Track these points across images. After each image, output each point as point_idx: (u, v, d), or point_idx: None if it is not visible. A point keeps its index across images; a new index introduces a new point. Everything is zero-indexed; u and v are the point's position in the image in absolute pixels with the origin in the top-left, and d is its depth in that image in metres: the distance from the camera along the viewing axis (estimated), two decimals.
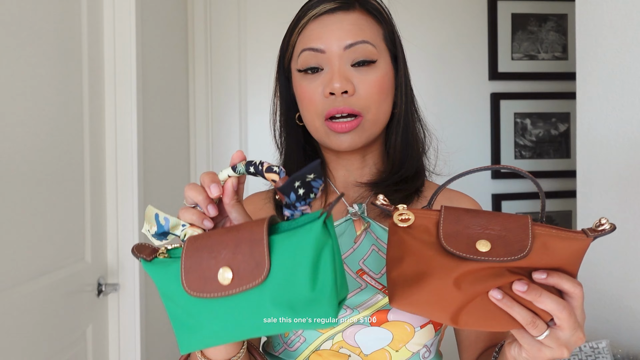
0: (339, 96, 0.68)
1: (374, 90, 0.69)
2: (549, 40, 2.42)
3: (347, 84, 0.67)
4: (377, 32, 0.71)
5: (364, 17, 0.71)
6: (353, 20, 0.69)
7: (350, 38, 0.68)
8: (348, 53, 0.68)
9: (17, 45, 0.96)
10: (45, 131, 1.06)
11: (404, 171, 0.74)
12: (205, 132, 2.25)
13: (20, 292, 0.96)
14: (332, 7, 0.69)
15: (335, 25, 0.68)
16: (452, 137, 2.37)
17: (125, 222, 1.40)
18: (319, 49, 0.68)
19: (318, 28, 0.69)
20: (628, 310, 1.31)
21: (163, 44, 1.80)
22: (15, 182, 0.95)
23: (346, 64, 0.68)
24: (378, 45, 0.70)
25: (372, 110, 0.70)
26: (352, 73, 0.69)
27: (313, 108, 0.70)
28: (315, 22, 0.70)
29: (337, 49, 0.68)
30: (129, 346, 1.41)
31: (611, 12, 1.36)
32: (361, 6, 0.71)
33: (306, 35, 0.70)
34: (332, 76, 0.68)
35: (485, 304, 0.52)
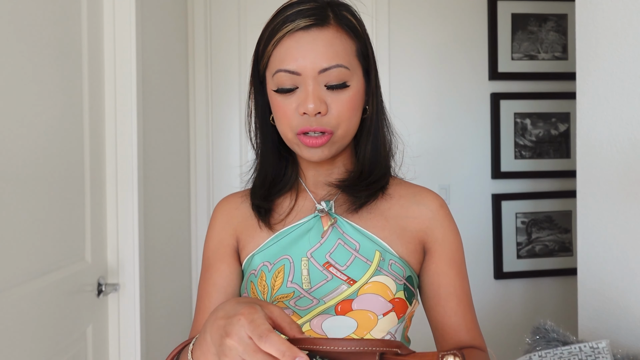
0: (312, 116, 0.71)
1: (346, 108, 0.72)
2: (549, 40, 2.42)
3: (321, 105, 0.70)
4: (350, 49, 0.73)
5: (338, 34, 0.72)
6: (327, 40, 0.70)
7: (324, 62, 0.70)
8: (322, 76, 0.70)
9: (17, 45, 0.96)
10: (45, 131, 1.06)
11: (373, 176, 0.78)
12: (205, 132, 2.25)
13: (20, 292, 0.96)
14: (307, 24, 0.70)
15: (309, 46, 0.70)
16: (452, 137, 2.37)
17: (125, 222, 1.40)
18: (295, 72, 0.70)
19: (294, 47, 0.70)
20: (628, 310, 1.31)
21: (163, 44, 1.80)
22: (15, 182, 0.95)
23: (320, 85, 0.71)
24: (351, 64, 0.72)
25: (342, 126, 0.73)
26: (325, 93, 0.71)
27: (287, 122, 0.73)
28: (290, 39, 0.71)
29: (311, 72, 0.70)
30: (129, 346, 1.41)
31: (611, 12, 1.36)
32: (336, 22, 0.72)
33: (282, 53, 0.71)
34: (307, 97, 0.70)
35: None
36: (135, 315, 1.41)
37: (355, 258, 0.74)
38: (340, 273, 0.73)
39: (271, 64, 0.73)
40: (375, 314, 0.71)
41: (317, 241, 0.76)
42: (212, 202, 2.26)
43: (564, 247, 2.44)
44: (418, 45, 2.35)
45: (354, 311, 0.72)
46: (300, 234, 0.77)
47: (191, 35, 2.22)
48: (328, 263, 0.75)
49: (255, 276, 0.77)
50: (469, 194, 2.39)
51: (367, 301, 0.72)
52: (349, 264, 0.74)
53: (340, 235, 0.76)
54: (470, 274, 2.40)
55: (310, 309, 0.72)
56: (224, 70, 2.27)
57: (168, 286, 1.85)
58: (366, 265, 0.73)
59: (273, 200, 0.81)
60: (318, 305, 0.72)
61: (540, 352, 1.20)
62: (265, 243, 0.79)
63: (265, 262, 0.77)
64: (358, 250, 0.75)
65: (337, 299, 0.72)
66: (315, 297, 0.73)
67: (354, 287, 0.72)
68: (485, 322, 2.41)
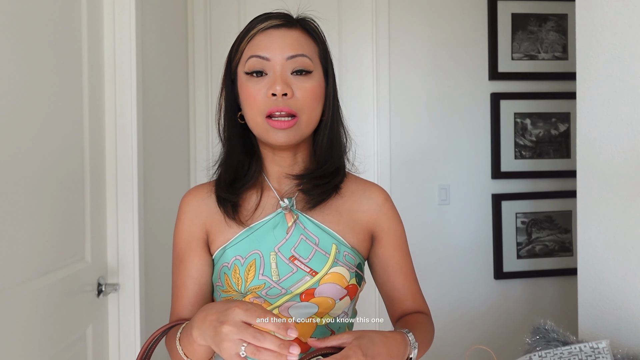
0: (280, 97, 0.80)
1: (309, 95, 0.82)
2: (549, 40, 2.42)
3: (287, 88, 0.80)
4: (313, 49, 0.85)
5: (303, 36, 0.84)
6: (295, 37, 0.83)
7: (292, 51, 0.81)
8: (289, 63, 0.81)
9: (17, 45, 0.96)
10: (45, 131, 1.06)
11: (326, 167, 0.88)
12: (205, 132, 2.25)
13: (20, 292, 0.96)
14: (278, 23, 0.82)
15: (280, 39, 0.82)
16: (452, 137, 2.37)
17: (125, 222, 1.40)
18: (265, 57, 0.81)
19: (265, 40, 0.82)
20: (628, 310, 1.31)
21: (163, 43, 1.80)
22: (15, 182, 0.95)
23: (287, 71, 0.81)
24: (314, 60, 0.84)
25: (306, 112, 0.82)
26: (291, 79, 0.81)
27: (256, 106, 0.81)
28: (262, 35, 0.82)
29: (280, 59, 0.81)
30: (129, 346, 1.41)
31: (611, 12, 1.36)
32: (301, 26, 0.85)
33: (254, 45, 0.82)
34: (275, 80, 0.80)
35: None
36: (135, 315, 1.41)
37: (315, 251, 0.85)
38: (304, 265, 0.84)
39: (244, 55, 0.83)
40: (333, 299, 0.85)
41: (282, 237, 0.86)
42: None
43: (564, 247, 2.44)
44: (418, 45, 2.35)
45: (316, 298, 0.84)
46: (267, 230, 0.86)
47: (191, 35, 2.22)
48: (293, 257, 0.85)
49: (228, 269, 0.85)
50: (469, 194, 2.39)
51: (326, 289, 0.84)
52: (310, 257, 0.85)
53: (302, 231, 0.86)
54: (471, 274, 2.41)
55: (279, 297, 0.84)
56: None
57: (168, 286, 1.85)
58: (325, 257, 0.85)
59: (239, 195, 0.88)
60: (286, 294, 0.84)
61: (540, 352, 1.20)
62: (235, 237, 0.87)
63: (237, 256, 0.85)
64: (318, 244, 0.86)
65: (302, 288, 0.84)
66: (283, 287, 0.84)
67: (315, 277, 0.84)
68: (485, 322, 2.42)
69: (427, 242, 2.31)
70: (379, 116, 2.29)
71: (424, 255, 2.29)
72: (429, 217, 2.35)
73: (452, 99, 2.37)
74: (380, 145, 2.30)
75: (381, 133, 2.29)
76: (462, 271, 2.39)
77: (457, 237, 2.39)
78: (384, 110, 2.30)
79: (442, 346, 2.37)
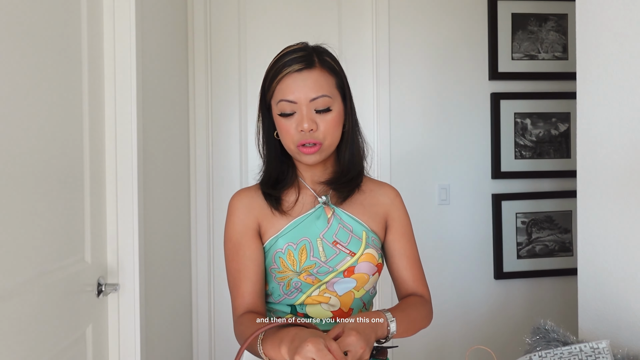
0: (307, 132, 1.00)
1: (330, 125, 1.01)
2: (549, 40, 2.42)
3: (312, 124, 0.99)
4: (331, 82, 1.02)
5: (322, 73, 1.01)
6: (315, 78, 1.00)
7: (314, 93, 0.99)
8: (312, 103, 0.99)
9: (16, 45, 0.96)
10: (44, 131, 1.06)
11: (350, 174, 1.09)
12: (205, 132, 2.25)
13: (20, 292, 0.96)
14: (300, 67, 0.99)
15: (302, 82, 0.99)
16: (452, 137, 2.37)
17: (125, 222, 1.40)
18: (293, 101, 0.99)
19: (291, 84, 0.99)
20: (628, 310, 1.31)
21: (163, 44, 1.80)
22: (14, 182, 0.95)
23: (311, 110, 1.00)
24: (332, 94, 1.01)
25: (328, 138, 1.02)
26: (315, 115, 1.00)
27: (289, 138, 1.02)
28: (288, 78, 1.00)
29: (304, 101, 0.99)
30: (129, 346, 1.41)
31: (611, 11, 1.36)
32: (319, 64, 1.01)
33: (282, 88, 1.00)
34: (302, 119, 0.99)
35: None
36: (135, 316, 1.41)
37: (352, 237, 1.07)
38: (345, 248, 1.06)
39: (275, 95, 1.02)
40: (368, 275, 1.07)
41: (324, 226, 1.07)
42: (212, 202, 2.26)
43: (564, 247, 2.44)
44: (418, 45, 2.35)
45: (355, 274, 1.06)
46: (311, 221, 1.07)
47: (191, 35, 2.22)
48: (335, 241, 1.06)
49: (282, 253, 1.04)
50: (469, 194, 2.39)
51: (363, 267, 1.06)
52: (348, 241, 1.06)
53: (339, 221, 1.08)
54: (471, 274, 2.41)
55: (327, 274, 1.05)
56: (224, 70, 2.27)
57: (168, 286, 1.85)
58: (359, 241, 1.07)
59: (281, 192, 1.08)
60: (332, 272, 1.05)
61: (540, 352, 1.20)
62: (285, 228, 1.06)
63: (289, 242, 1.05)
64: (352, 231, 1.08)
65: (344, 267, 1.05)
66: (330, 266, 1.05)
67: (354, 257, 1.06)
68: (485, 322, 2.42)
69: (427, 242, 2.31)
70: (379, 116, 2.29)
71: (424, 255, 2.27)
72: (429, 217, 2.35)
73: (452, 99, 2.37)
74: (380, 145, 2.30)
75: (381, 133, 2.29)
76: (462, 271, 2.39)
77: (457, 237, 2.39)
78: (384, 110, 2.30)
79: (442, 346, 2.37)
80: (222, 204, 2.26)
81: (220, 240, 2.26)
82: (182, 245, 2.10)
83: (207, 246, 2.25)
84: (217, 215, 2.26)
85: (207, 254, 2.25)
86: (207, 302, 2.26)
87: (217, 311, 2.28)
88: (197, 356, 2.25)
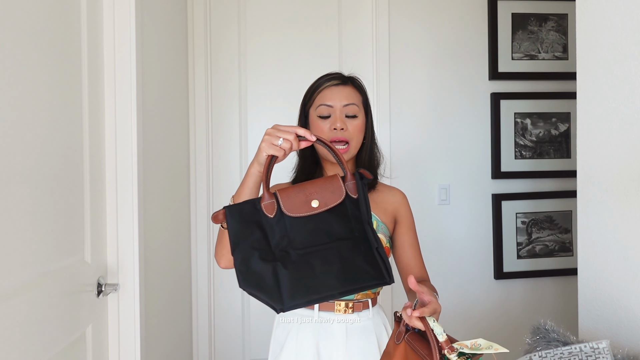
0: (339, 131, 1.22)
1: (356, 129, 1.23)
2: (549, 40, 2.42)
3: (344, 124, 1.22)
4: (359, 99, 1.26)
5: (353, 90, 1.26)
6: (348, 91, 1.24)
7: (346, 101, 1.23)
8: (345, 109, 1.23)
9: (16, 45, 0.96)
10: (44, 131, 1.06)
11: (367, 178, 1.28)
12: (205, 132, 2.25)
13: (20, 292, 0.96)
14: (337, 83, 1.25)
15: (339, 93, 1.23)
16: (452, 137, 2.37)
17: (125, 223, 1.40)
18: (330, 105, 1.23)
19: (329, 93, 1.24)
20: (628, 310, 1.31)
21: (163, 44, 1.80)
22: (14, 182, 0.95)
23: (343, 114, 1.23)
24: (359, 106, 1.25)
25: (354, 140, 1.24)
26: (346, 119, 1.23)
27: (324, 135, 1.22)
28: (327, 90, 1.24)
29: (339, 106, 1.23)
30: (129, 346, 1.41)
31: (611, 12, 1.36)
32: (351, 83, 1.27)
33: (323, 96, 1.24)
34: (336, 120, 1.22)
35: None
36: (135, 316, 1.41)
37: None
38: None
39: (315, 102, 1.25)
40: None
41: None
42: (211, 202, 2.26)
43: (564, 247, 2.44)
44: (418, 45, 2.35)
45: None
46: None
47: (191, 35, 2.22)
48: None
49: None
50: (469, 194, 2.39)
51: None
52: None
53: None
54: (471, 274, 2.41)
55: None
56: (224, 71, 2.27)
57: (168, 286, 1.85)
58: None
59: None
60: None
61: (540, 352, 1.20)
62: None
63: None
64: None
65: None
66: None
67: None
68: (485, 322, 2.41)
69: (427, 242, 2.30)
70: (379, 116, 2.29)
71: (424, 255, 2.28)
72: (429, 217, 2.35)
73: (452, 98, 2.37)
74: (380, 145, 2.30)
75: (381, 133, 2.29)
76: (462, 271, 2.39)
77: (457, 237, 2.38)
78: (384, 110, 2.30)
79: None
80: (221, 204, 2.26)
81: None
82: (182, 245, 2.10)
83: (207, 246, 2.25)
84: None
85: (207, 254, 2.25)
86: (207, 302, 2.26)
87: (217, 311, 2.28)
88: (197, 356, 2.25)
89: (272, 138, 0.95)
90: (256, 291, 0.86)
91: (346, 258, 0.87)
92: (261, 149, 0.96)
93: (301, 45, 2.28)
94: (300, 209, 0.89)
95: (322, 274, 0.86)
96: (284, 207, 0.89)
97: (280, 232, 0.89)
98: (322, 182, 0.92)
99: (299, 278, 0.86)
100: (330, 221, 0.89)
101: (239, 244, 0.88)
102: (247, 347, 2.29)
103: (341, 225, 0.89)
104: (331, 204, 0.89)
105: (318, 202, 0.90)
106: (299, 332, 1.20)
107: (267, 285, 0.86)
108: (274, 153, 0.94)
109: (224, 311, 2.28)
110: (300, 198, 0.90)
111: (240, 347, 2.29)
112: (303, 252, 0.87)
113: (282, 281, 0.85)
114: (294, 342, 1.20)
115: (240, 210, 0.90)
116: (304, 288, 0.85)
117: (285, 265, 0.86)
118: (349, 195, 0.91)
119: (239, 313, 2.29)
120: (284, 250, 0.88)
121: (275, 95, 2.28)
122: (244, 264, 0.87)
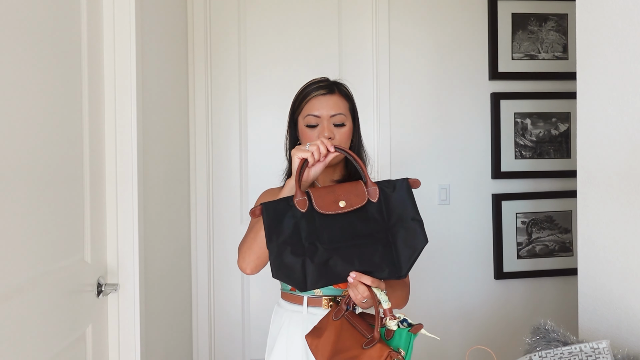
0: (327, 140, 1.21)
1: (343, 137, 1.26)
2: (549, 40, 2.42)
3: (331, 133, 1.24)
4: (346, 106, 1.28)
5: (340, 98, 1.28)
6: (335, 100, 1.27)
7: (333, 111, 1.25)
8: (332, 119, 1.25)
9: (16, 45, 0.96)
10: (44, 131, 1.06)
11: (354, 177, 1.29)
12: (205, 132, 2.25)
13: (20, 292, 0.96)
14: (324, 92, 1.26)
15: (325, 103, 1.26)
16: (452, 137, 2.37)
17: (125, 222, 1.40)
18: (317, 115, 1.25)
19: (317, 103, 1.26)
20: (628, 311, 1.31)
21: (163, 44, 1.80)
22: (14, 182, 0.95)
23: (330, 124, 1.25)
24: (346, 114, 1.27)
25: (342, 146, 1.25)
26: (333, 128, 1.25)
27: None
28: (315, 100, 1.26)
29: (326, 116, 1.25)
30: (129, 346, 1.41)
31: (611, 11, 1.35)
32: (338, 92, 1.28)
33: (310, 106, 1.26)
34: (324, 129, 1.24)
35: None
36: (135, 316, 1.41)
37: None
38: None
39: (303, 111, 1.28)
40: None
41: None
42: (211, 202, 2.26)
43: (564, 247, 2.44)
44: (418, 45, 2.35)
45: None
46: None
47: (191, 35, 2.22)
48: None
49: None
50: (469, 194, 2.39)
51: None
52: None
53: None
54: (471, 274, 2.41)
55: None
56: (224, 71, 2.27)
57: (168, 286, 1.85)
58: None
59: None
60: None
61: (540, 352, 1.20)
62: None
63: None
64: None
65: None
66: None
67: None
68: (485, 322, 2.41)
69: None
70: (379, 116, 2.29)
71: (424, 255, 2.28)
72: (429, 217, 2.35)
73: (452, 98, 2.37)
74: (380, 145, 2.30)
75: (381, 133, 2.29)
76: (462, 271, 2.39)
77: (457, 237, 2.38)
78: (384, 110, 2.30)
79: (442, 346, 2.37)
80: (221, 204, 2.26)
81: (220, 241, 2.26)
82: (182, 245, 2.10)
83: (207, 246, 2.25)
84: (217, 215, 2.26)
85: (207, 254, 2.25)
86: (207, 302, 2.26)
87: (217, 311, 2.28)
88: (197, 356, 2.25)
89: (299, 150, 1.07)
90: (285, 280, 0.98)
91: (364, 254, 0.99)
92: (293, 158, 1.07)
93: (301, 46, 2.28)
94: (330, 207, 1.00)
95: (342, 268, 0.98)
96: (315, 204, 1.00)
97: (310, 227, 0.99)
98: (349, 185, 1.03)
99: (323, 270, 0.97)
100: (354, 221, 1.00)
101: (272, 239, 0.98)
102: (247, 347, 2.29)
103: (363, 226, 1.00)
104: (356, 205, 1.01)
105: (345, 202, 1.01)
106: (290, 326, 1.26)
107: (295, 276, 0.97)
108: (303, 155, 1.05)
109: (224, 311, 2.28)
110: (330, 198, 1.01)
111: (240, 347, 2.29)
112: (329, 247, 0.98)
113: (308, 272, 0.97)
114: (285, 337, 1.26)
115: (275, 207, 1.00)
116: (325, 277, 0.98)
117: (313, 259, 0.97)
118: (370, 200, 1.03)
119: (239, 313, 2.29)
120: (312, 244, 0.98)
121: (276, 96, 2.28)
122: (278, 258, 0.97)
